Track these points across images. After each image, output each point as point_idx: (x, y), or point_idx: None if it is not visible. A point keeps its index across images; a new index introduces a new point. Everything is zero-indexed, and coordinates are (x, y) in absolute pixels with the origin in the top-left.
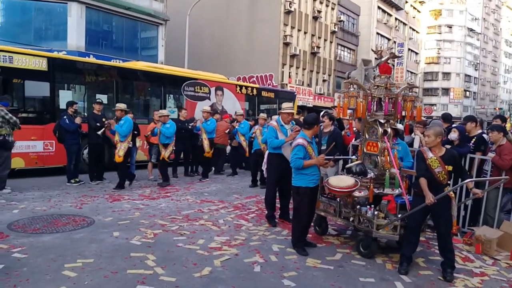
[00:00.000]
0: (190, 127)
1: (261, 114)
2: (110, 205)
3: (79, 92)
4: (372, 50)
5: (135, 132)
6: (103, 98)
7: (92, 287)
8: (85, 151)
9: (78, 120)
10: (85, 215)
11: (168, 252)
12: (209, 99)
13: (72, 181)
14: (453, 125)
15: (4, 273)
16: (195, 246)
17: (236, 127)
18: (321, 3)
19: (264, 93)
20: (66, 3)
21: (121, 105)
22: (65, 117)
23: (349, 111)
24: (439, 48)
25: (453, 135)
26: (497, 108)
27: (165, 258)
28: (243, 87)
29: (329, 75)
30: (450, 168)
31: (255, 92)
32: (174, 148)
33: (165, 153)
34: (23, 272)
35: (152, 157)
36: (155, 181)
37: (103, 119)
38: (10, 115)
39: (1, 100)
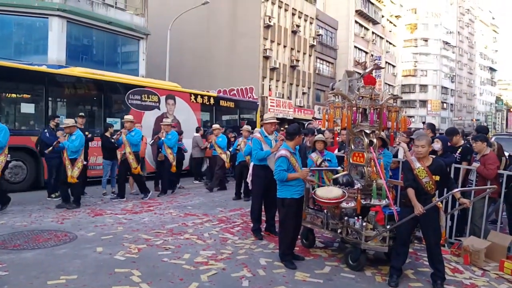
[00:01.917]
0: (112, 140)
1: (245, 126)
2: (92, 220)
3: None
4: (356, 62)
5: (116, 145)
6: (30, 108)
7: None
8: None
9: (59, 133)
10: (67, 230)
11: (154, 267)
12: (159, 109)
13: (53, 195)
14: (436, 136)
15: None
16: (181, 261)
17: (162, 138)
18: (299, 17)
19: (222, 103)
20: (47, 17)
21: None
22: (46, 130)
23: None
24: (416, 61)
25: (437, 145)
26: (474, 120)
27: (150, 273)
28: (199, 96)
29: (309, 88)
30: (437, 178)
31: (212, 101)
32: (84, 163)
33: (73, 172)
34: None
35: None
36: (137, 194)
37: (86, 133)
38: None
39: None
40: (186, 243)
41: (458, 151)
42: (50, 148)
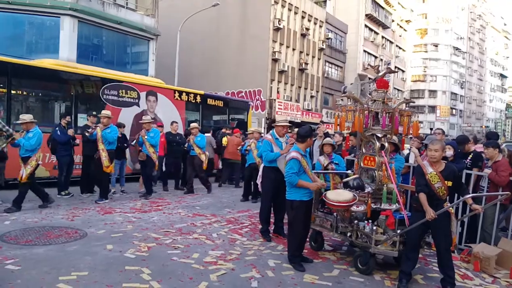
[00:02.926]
0: (86, 134)
1: (256, 128)
2: (102, 218)
3: None
4: (370, 65)
5: (125, 145)
6: None
7: None
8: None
9: (70, 132)
10: (77, 228)
11: (163, 266)
12: (138, 106)
13: (63, 193)
14: (447, 142)
15: None
16: (190, 260)
17: (144, 136)
18: (309, 21)
19: (210, 101)
20: (59, 17)
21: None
22: (57, 128)
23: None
24: (425, 66)
25: (449, 152)
26: (483, 126)
27: (160, 271)
28: (183, 93)
29: (317, 91)
30: (449, 183)
31: (199, 99)
32: (38, 163)
33: (25, 171)
34: (17, 284)
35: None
36: (144, 195)
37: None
38: (6, 127)
39: None
40: (195, 242)
41: (469, 157)
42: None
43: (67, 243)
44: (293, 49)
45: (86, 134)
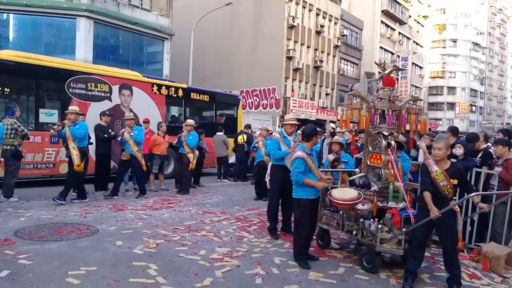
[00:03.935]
0: (52, 131)
1: (264, 125)
2: (114, 215)
3: None
4: (376, 63)
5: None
6: None
7: None
8: None
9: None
10: (89, 224)
11: (170, 262)
12: (110, 100)
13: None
14: (456, 141)
15: (10, 279)
16: (197, 257)
17: (130, 134)
18: (324, 18)
19: (194, 96)
20: (75, 18)
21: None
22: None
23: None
24: (444, 62)
25: (459, 151)
26: (504, 123)
27: (167, 267)
28: (163, 87)
29: (332, 89)
30: (455, 181)
31: (181, 93)
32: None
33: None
34: (28, 278)
35: (153, 168)
36: (156, 191)
37: (109, 130)
38: (22, 127)
39: (8, 109)
40: (203, 239)
41: (479, 156)
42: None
43: (79, 239)
44: (308, 47)
45: (52, 131)
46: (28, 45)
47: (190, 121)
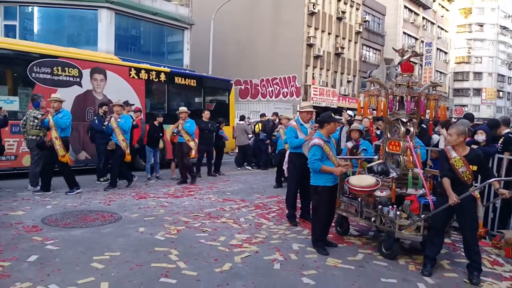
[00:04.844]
0: (35, 121)
1: (284, 114)
2: (136, 202)
3: None
4: (394, 49)
5: (161, 134)
6: None
7: (118, 279)
8: None
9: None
10: (113, 211)
11: (191, 248)
12: (80, 85)
13: (101, 179)
14: (479, 127)
15: (38, 263)
16: (216, 243)
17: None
18: (345, 3)
19: (179, 80)
20: (97, 9)
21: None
22: (95, 117)
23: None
24: (470, 47)
25: (481, 137)
26: None
27: (187, 253)
28: (143, 71)
29: (354, 76)
30: (474, 168)
31: (163, 77)
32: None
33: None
34: (55, 263)
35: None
36: (177, 180)
37: (132, 120)
38: (36, 121)
39: (34, 101)
40: (222, 226)
41: (500, 141)
42: None
43: (102, 225)
44: (329, 33)
45: (35, 121)
46: (51, 37)
47: (183, 108)
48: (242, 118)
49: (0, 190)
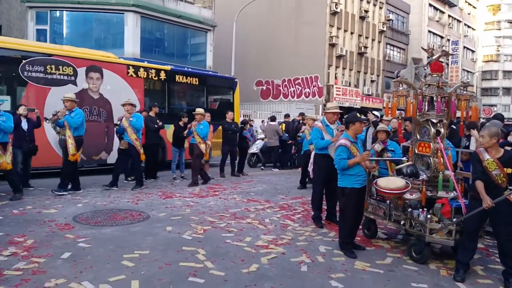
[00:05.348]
0: (47, 121)
1: (309, 115)
2: (163, 202)
3: None
4: (423, 49)
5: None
6: None
7: (148, 277)
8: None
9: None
10: (141, 210)
11: (217, 248)
12: (75, 84)
13: (129, 178)
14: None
15: (71, 260)
16: (243, 243)
17: (129, 119)
18: (368, 2)
19: (180, 78)
20: (123, 13)
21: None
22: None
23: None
24: (499, 45)
25: None
26: None
27: (214, 253)
28: (141, 69)
29: (378, 76)
30: (509, 170)
31: (163, 76)
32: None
33: (6, 158)
34: (87, 260)
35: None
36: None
37: (157, 120)
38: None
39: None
40: (248, 227)
41: None
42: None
43: (131, 224)
44: (351, 33)
45: (47, 122)
46: (80, 40)
47: (200, 110)
48: (273, 118)
49: (33, 189)
